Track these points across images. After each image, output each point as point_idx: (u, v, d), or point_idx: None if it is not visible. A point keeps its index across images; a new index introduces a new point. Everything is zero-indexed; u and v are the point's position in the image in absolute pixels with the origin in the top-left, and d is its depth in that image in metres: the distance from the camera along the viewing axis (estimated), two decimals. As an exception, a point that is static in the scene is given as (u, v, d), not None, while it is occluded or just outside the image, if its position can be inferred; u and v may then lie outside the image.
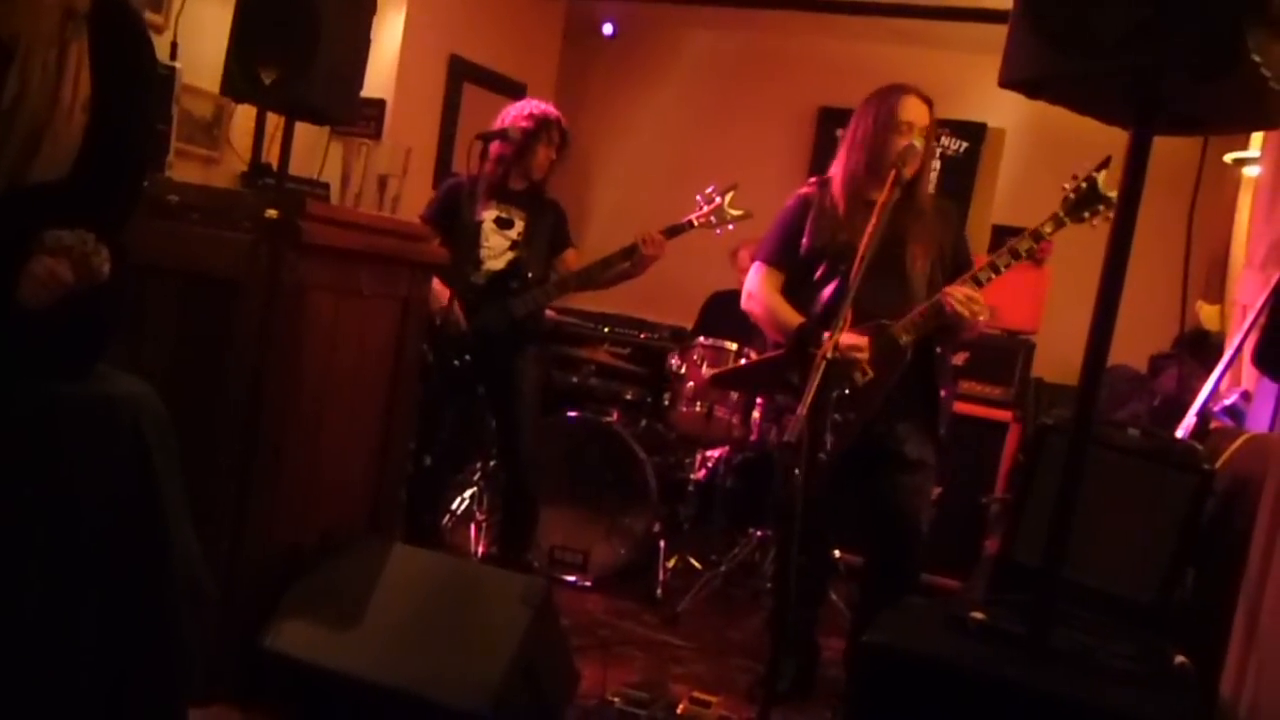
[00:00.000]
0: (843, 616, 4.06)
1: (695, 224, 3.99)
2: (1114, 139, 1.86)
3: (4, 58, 1.85)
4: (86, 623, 1.85)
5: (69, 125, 1.87)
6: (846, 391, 3.13)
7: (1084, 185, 3.02)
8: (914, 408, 3.25)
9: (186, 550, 1.99)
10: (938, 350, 3.26)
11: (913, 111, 3.19)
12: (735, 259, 5.09)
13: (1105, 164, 2.99)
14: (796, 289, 3.33)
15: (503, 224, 4.01)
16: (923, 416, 3.26)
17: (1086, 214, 3.02)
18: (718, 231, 4.05)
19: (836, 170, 3.33)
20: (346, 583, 2.83)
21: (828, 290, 3.24)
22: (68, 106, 1.87)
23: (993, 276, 3.11)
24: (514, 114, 4.03)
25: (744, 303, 3.46)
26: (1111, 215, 2.84)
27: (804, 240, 3.31)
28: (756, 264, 3.43)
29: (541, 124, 4.02)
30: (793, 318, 3.27)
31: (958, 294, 3.09)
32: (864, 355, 3.13)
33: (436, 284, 3.71)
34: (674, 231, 3.97)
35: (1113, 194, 2.90)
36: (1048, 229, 3.06)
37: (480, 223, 3.97)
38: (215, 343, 2.70)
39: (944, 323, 3.13)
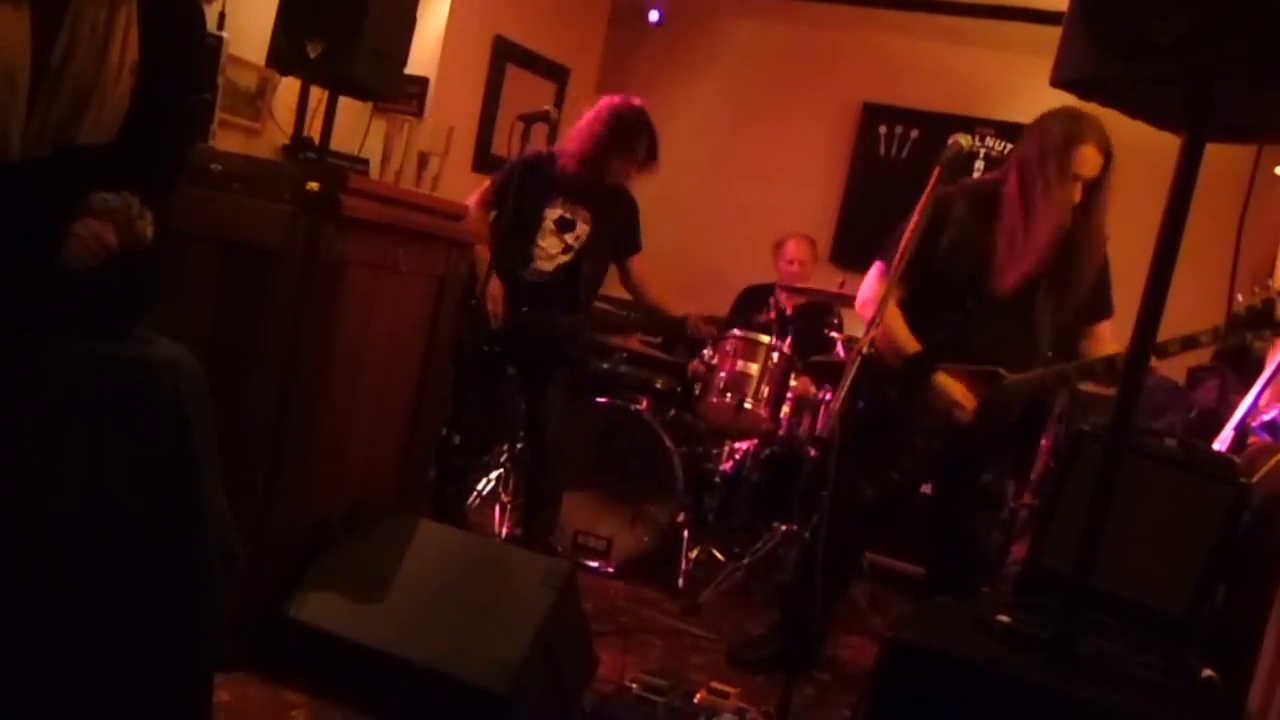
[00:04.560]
0: (867, 615, 4.05)
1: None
2: (1166, 144, 1.83)
3: (54, 17, 1.86)
4: (117, 584, 1.87)
5: (116, 88, 1.88)
6: (938, 424, 3.11)
7: (1260, 306, 2.73)
8: (1010, 453, 3.26)
9: (218, 515, 2.00)
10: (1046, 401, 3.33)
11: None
12: (779, 251, 5.06)
13: None
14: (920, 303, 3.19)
15: (564, 225, 3.89)
16: (1016, 461, 3.31)
17: (1250, 335, 2.78)
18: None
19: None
20: (372, 556, 2.85)
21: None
22: (115, 69, 1.87)
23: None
24: (601, 107, 3.79)
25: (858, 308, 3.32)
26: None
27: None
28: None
29: (623, 133, 3.73)
30: (909, 344, 3.14)
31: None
32: (965, 414, 3.04)
33: (495, 285, 3.70)
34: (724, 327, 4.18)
35: None
36: (1204, 339, 2.83)
37: (542, 220, 3.87)
38: (251, 312, 2.72)
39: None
